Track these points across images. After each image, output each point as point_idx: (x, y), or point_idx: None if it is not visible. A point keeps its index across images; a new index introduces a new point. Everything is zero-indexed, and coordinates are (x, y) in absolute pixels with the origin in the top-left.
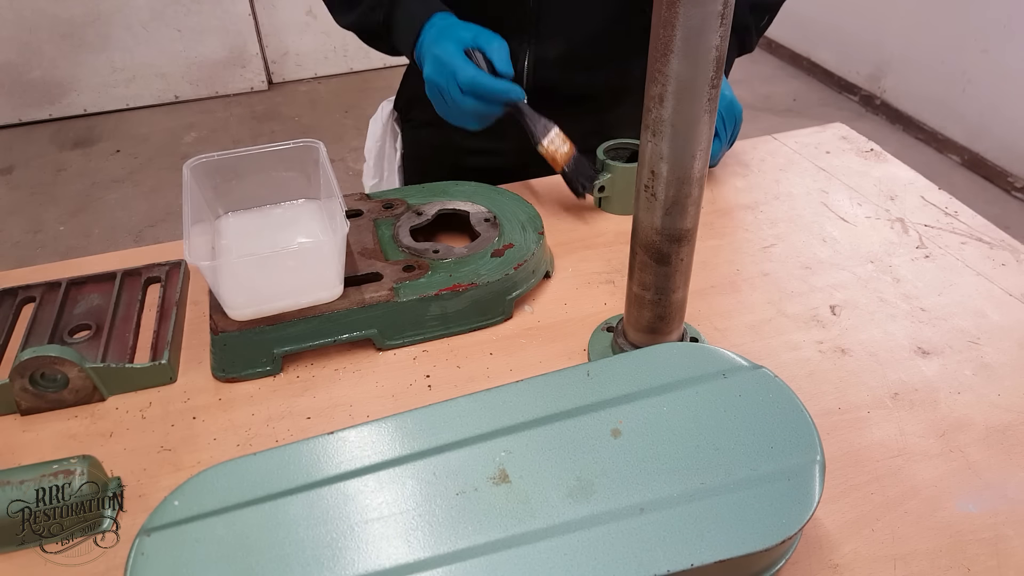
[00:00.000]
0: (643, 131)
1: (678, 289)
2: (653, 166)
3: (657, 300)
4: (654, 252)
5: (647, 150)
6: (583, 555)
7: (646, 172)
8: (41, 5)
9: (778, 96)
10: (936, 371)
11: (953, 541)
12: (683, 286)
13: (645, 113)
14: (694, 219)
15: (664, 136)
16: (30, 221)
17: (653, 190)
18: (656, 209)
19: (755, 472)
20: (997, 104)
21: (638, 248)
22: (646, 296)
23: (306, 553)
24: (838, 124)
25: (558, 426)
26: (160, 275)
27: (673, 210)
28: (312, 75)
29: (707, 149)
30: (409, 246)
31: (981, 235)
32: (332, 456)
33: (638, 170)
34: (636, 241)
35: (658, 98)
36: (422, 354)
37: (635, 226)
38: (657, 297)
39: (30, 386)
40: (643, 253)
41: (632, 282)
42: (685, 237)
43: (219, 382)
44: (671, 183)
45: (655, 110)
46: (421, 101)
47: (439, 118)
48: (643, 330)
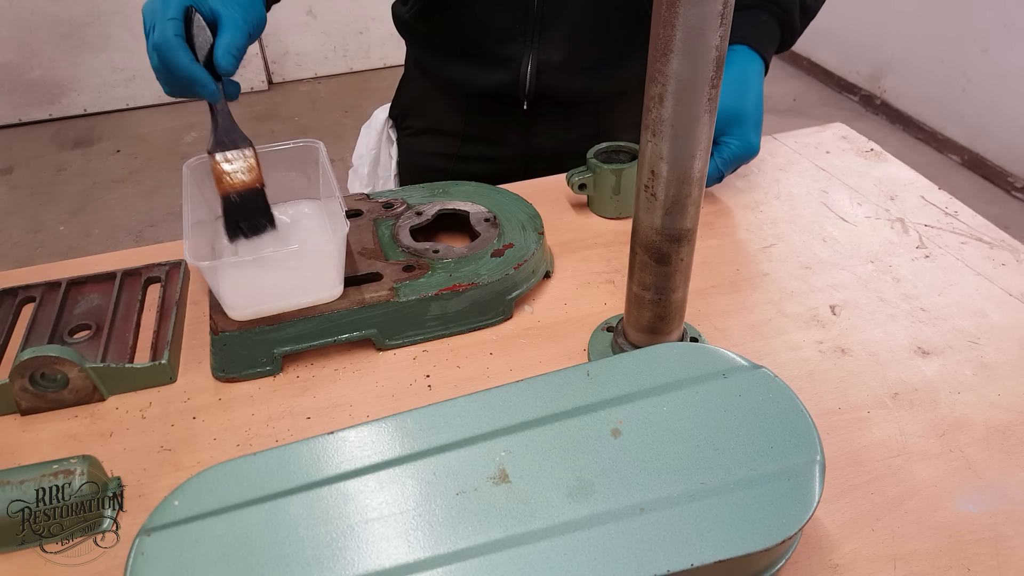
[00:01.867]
0: (643, 131)
1: (678, 289)
2: (653, 166)
3: (657, 300)
4: (654, 252)
5: (647, 150)
6: (583, 555)
7: (646, 172)
8: (41, 5)
9: (778, 96)
10: (936, 371)
11: (953, 541)
12: (683, 286)
13: (645, 113)
14: (694, 219)
15: (664, 136)
16: (30, 221)
17: (653, 190)
18: (656, 209)
19: (755, 472)
20: (997, 104)
21: (638, 248)
22: (646, 296)
23: (306, 553)
24: (838, 124)
25: (558, 426)
26: (160, 275)
27: (673, 210)
28: (312, 75)
29: (707, 149)
30: (409, 246)
31: (981, 235)
32: (332, 456)
33: (638, 170)
34: (636, 241)
35: (658, 98)
36: (422, 354)
37: (635, 226)
38: (657, 297)
39: (30, 386)
40: (643, 253)
41: (632, 282)
42: (685, 237)
43: (219, 382)
44: (671, 183)
45: (655, 110)
46: (418, 108)
47: (435, 126)
48: (643, 330)
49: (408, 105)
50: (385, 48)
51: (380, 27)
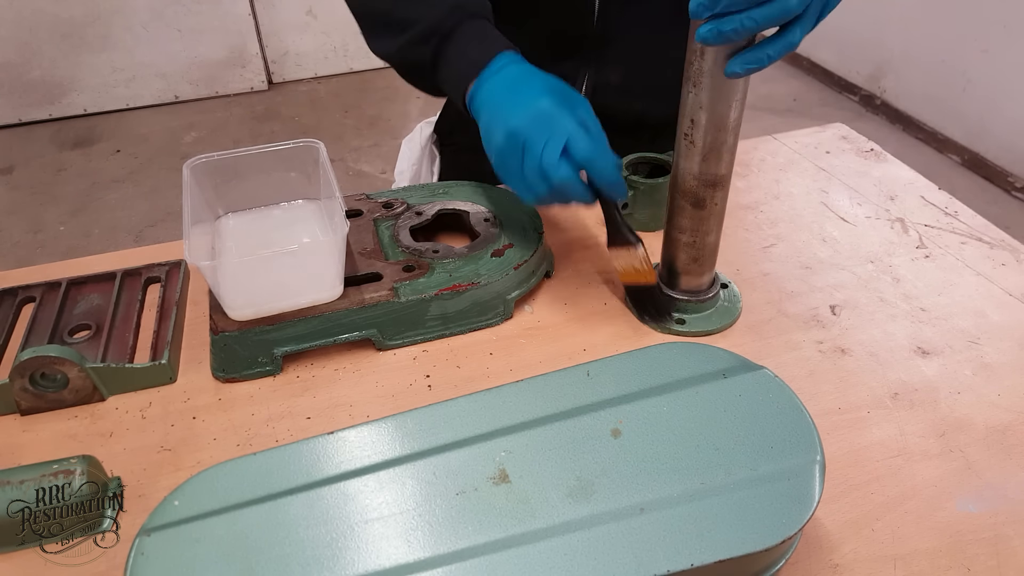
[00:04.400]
0: (684, 83)
1: (712, 232)
2: (692, 115)
3: (692, 242)
4: (691, 197)
5: (688, 100)
6: (583, 555)
7: (686, 121)
8: (41, 5)
9: (778, 96)
10: (936, 371)
11: (953, 541)
12: (716, 229)
13: (687, 66)
14: (728, 165)
15: (703, 87)
16: (30, 221)
17: (692, 138)
18: (695, 156)
19: (755, 472)
20: (997, 104)
21: (676, 193)
22: (682, 239)
23: (306, 553)
24: (838, 124)
25: (558, 426)
26: (160, 275)
27: (710, 156)
28: (312, 75)
29: (743, 100)
30: (409, 246)
31: (981, 235)
32: (332, 456)
33: (679, 120)
34: (675, 188)
35: (699, 51)
36: (422, 354)
37: (674, 173)
38: (692, 239)
39: (30, 386)
40: (681, 198)
41: (670, 226)
42: (720, 183)
43: (219, 382)
44: (708, 131)
45: (696, 62)
46: (465, 126)
47: (480, 143)
48: (678, 272)
49: (455, 121)
50: None
51: None
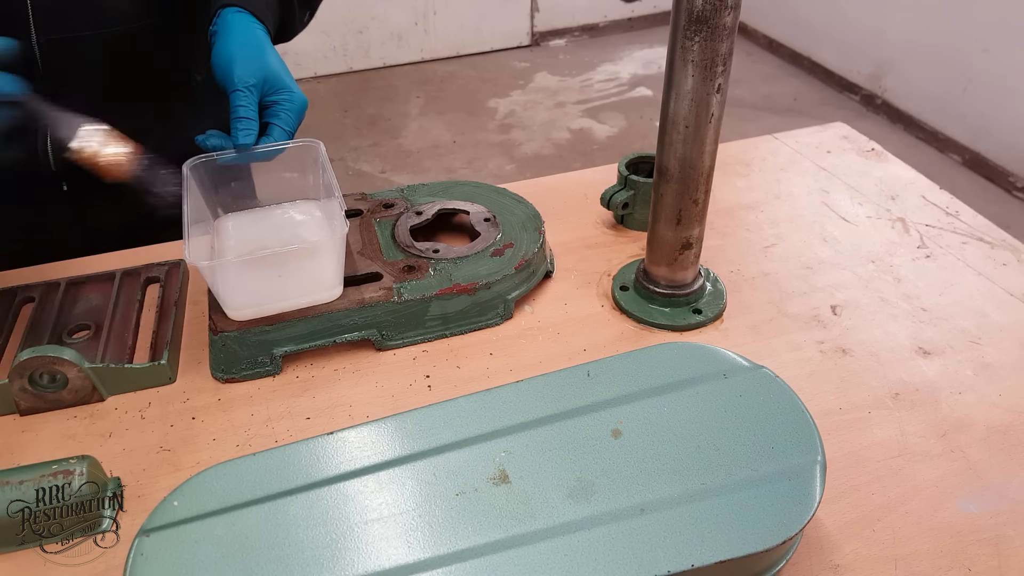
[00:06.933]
0: (677, 62)
1: (695, 225)
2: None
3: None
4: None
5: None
6: (583, 556)
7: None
8: None
9: (779, 96)
10: (937, 371)
11: (954, 541)
12: (700, 223)
13: (678, 48)
14: (711, 156)
15: (687, 72)
16: None
17: (675, 121)
18: (676, 144)
19: (756, 472)
20: (998, 104)
21: (661, 183)
22: (667, 233)
23: (306, 554)
24: (839, 123)
25: (558, 426)
26: (159, 275)
27: (692, 144)
28: (312, 75)
29: (724, 89)
30: (409, 246)
31: (982, 235)
32: (332, 456)
33: (663, 105)
34: (660, 178)
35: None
36: (422, 354)
37: (658, 163)
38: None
39: (29, 386)
40: (665, 185)
41: (654, 219)
42: (701, 173)
43: (218, 382)
44: (691, 112)
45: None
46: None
47: None
48: (663, 264)
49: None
50: (385, 48)
51: (380, 26)
